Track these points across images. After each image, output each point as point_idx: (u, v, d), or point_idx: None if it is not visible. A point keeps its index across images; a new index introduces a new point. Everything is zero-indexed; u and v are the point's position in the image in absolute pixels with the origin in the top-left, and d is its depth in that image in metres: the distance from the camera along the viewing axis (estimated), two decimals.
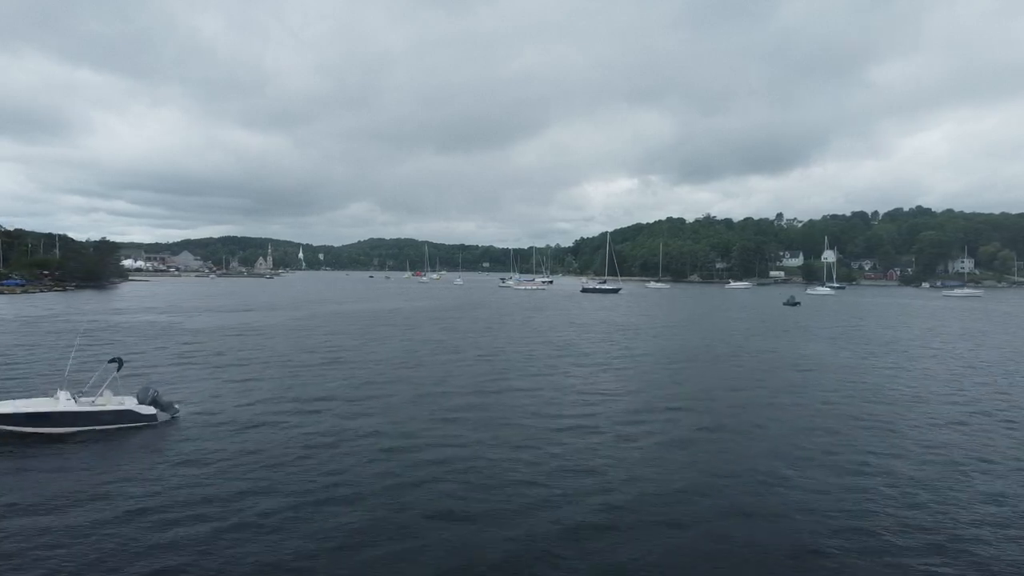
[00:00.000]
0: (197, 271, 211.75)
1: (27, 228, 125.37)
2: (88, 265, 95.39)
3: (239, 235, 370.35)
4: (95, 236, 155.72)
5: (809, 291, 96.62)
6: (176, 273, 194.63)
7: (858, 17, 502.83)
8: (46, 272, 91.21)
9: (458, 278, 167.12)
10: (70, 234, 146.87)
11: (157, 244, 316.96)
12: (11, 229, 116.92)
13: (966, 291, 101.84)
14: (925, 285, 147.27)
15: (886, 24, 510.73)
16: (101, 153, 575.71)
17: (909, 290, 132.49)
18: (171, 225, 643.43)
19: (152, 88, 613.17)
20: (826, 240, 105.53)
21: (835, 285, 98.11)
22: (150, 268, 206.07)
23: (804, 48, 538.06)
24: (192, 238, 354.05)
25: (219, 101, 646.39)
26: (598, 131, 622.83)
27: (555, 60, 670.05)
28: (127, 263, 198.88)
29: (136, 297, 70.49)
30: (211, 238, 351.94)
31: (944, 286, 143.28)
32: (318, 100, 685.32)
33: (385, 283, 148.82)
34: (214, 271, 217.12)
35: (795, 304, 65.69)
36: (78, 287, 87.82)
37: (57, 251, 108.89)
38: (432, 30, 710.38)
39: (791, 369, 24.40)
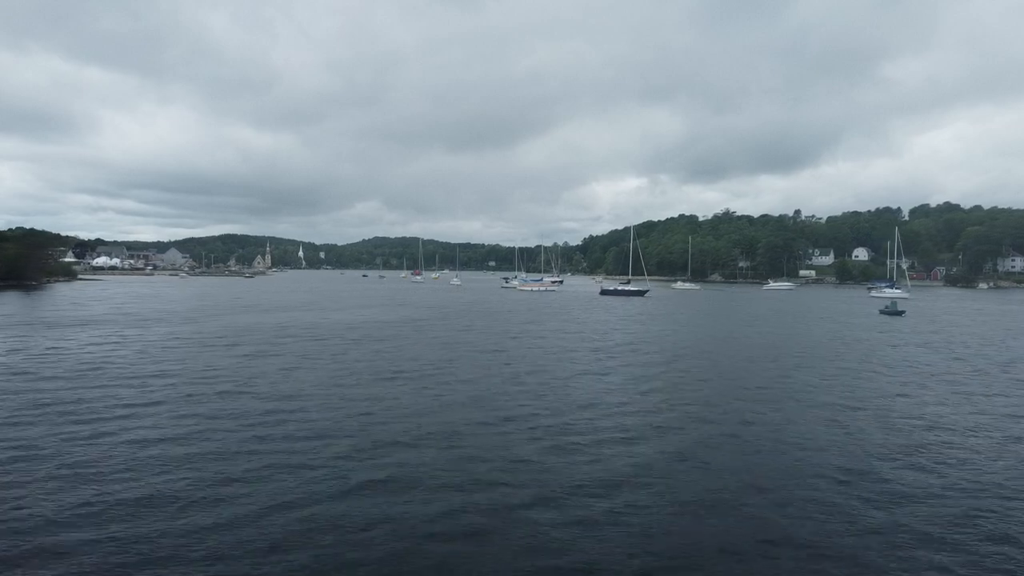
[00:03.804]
0: (174, 270, 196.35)
1: (36, 227, 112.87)
2: (8, 262, 79.47)
3: (243, 234, 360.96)
4: (103, 235, 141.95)
5: (875, 294, 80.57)
6: (150, 272, 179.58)
7: (871, 14, 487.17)
8: None
9: (455, 278, 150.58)
10: (75, 234, 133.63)
11: (159, 243, 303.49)
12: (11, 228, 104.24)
13: None
14: (983, 286, 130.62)
15: (900, 21, 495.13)
16: (109, 152, 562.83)
17: (959, 291, 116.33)
18: (178, 224, 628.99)
19: (160, 86, 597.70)
20: (896, 233, 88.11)
21: (898, 287, 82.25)
22: (126, 267, 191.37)
23: (817, 46, 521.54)
24: (196, 236, 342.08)
25: (228, 99, 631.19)
26: (607, 129, 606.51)
27: (565, 58, 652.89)
28: (101, 260, 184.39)
29: (31, 304, 54.68)
30: (212, 236, 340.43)
31: (997, 287, 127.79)
32: (327, 98, 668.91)
33: (375, 283, 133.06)
34: (193, 269, 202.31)
35: (899, 313, 49.42)
36: None
37: None
38: (442, 27, 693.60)
39: None
